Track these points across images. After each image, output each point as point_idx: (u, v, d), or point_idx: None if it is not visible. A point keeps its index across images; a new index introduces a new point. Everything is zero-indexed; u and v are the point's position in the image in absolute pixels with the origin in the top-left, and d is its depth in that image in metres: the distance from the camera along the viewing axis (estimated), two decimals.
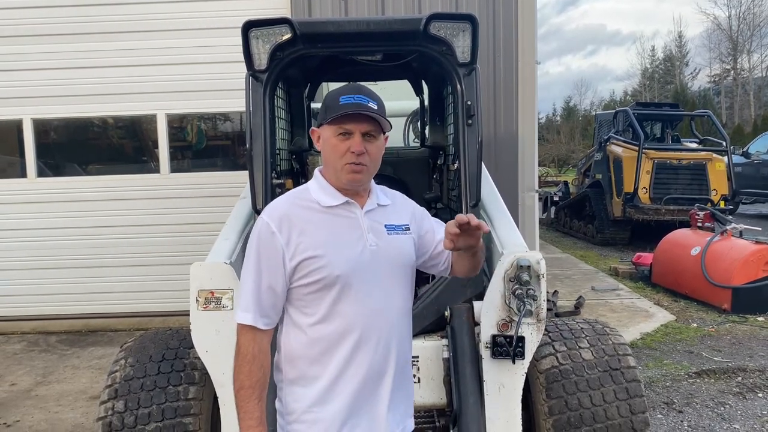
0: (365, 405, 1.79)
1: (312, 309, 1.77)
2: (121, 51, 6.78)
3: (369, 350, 1.78)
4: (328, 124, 1.78)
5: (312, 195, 1.84)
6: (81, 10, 6.78)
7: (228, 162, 7.61)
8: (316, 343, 1.77)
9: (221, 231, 3.17)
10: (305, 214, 1.79)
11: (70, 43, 6.80)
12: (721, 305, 7.09)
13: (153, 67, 6.81)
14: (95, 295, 7.01)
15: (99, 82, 6.81)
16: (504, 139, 6.81)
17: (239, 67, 3.18)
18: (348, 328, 1.76)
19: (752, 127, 36.05)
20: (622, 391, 2.87)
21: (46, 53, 6.80)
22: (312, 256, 1.73)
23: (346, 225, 1.81)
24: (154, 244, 6.93)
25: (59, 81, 6.82)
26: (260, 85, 3.01)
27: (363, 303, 1.77)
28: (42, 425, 4.47)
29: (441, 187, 4.08)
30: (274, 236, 1.74)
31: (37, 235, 6.98)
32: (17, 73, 6.85)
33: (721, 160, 11.53)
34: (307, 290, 1.76)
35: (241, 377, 1.75)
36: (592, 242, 12.87)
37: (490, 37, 6.72)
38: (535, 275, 2.68)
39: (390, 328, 1.83)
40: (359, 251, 1.78)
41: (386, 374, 1.82)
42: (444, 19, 2.92)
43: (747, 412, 4.47)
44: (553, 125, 52.41)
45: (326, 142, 1.80)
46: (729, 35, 48.65)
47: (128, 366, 2.93)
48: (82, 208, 6.96)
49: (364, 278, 1.78)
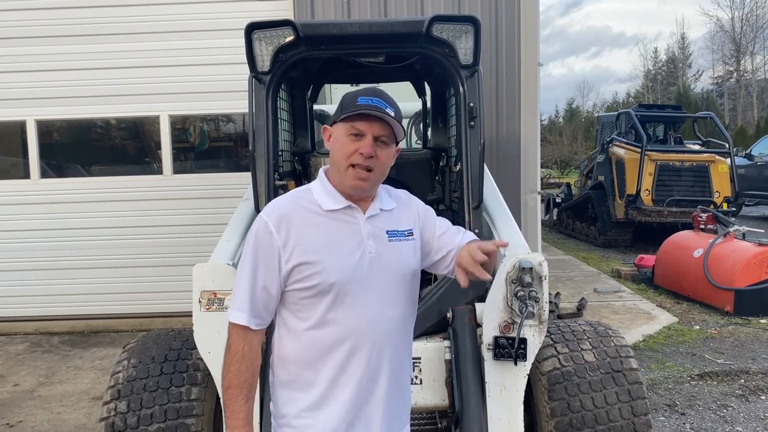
0: (359, 413, 1.76)
1: (306, 314, 1.74)
2: (124, 53, 6.80)
3: (362, 358, 1.74)
4: (341, 122, 1.74)
5: (314, 196, 1.79)
6: (84, 12, 6.80)
7: (230, 163, 7.62)
8: (309, 348, 1.74)
9: (224, 232, 3.17)
10: (305, 216, 1.75)
11: (74, 44, 6.81)
12: (724, 307, 7.07)
13: (156, 69, 6.82)
14: (98, 296, 7.02)
15: (102, 83, 6.82)
16: (506, 140, 6.81)
17: (242, 69, 3.19)
18: (342, 336, 1.73)
19: (755, 129, 36.01)
20: (625, 393, 2.87)
21: (49, 55, 6.82)
22: (307, 262, 1.70)
23: (346, 230, 1.76)
24: (156, 245, 6.94)
25: (63, 82, 6.84)
26: (263, 87, 3.02)
27: (358, 311, 1.73)
28: (45, 426, 4.48)
29: (443, 188, 4.08)
30: (272, 236, 1.71)
31: (40, 236, 7.00)
32: (21, 74, 6.86)
33: (724, 162, 11.51)
34: (301, 295, 1.73)
35: (229, 376, 1.73)
36: (594, 244, 12.86)
37: (493, 39, 6.73)
38: (538, 277, 2.68)
39: (386, 337, 1.79)
40: (357, 258, 1.74)
41: (380, 382, 1.78)
42: (446, 21, 2.93)
43: (750, 415, 4.46)
44: (555, 127, 52.34)
45: (336, 140, 1.76)
46: (732, 37, 48.61)
47: (131, 367, 2.93)
48: (84, 209, 6.97)
49: (361, 286, 1.74)
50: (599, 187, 13.00)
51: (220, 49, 6.59)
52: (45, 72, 6.84)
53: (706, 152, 11.98)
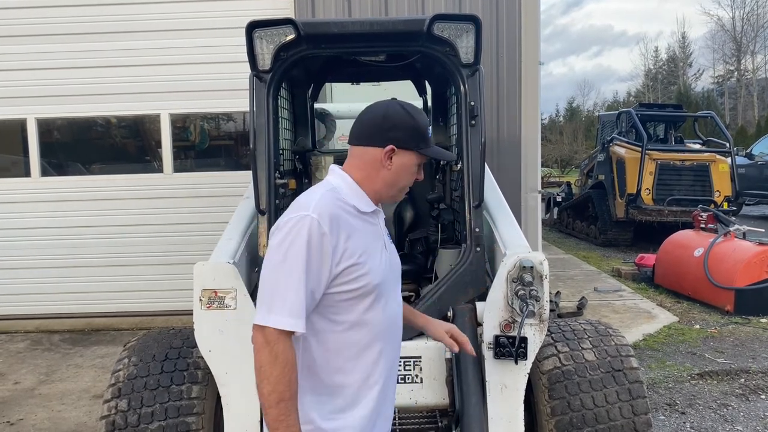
0: (380, 411, 1.81)
1: (343, 316, 1.71)
2: (125, 51, 6.80)
3: (387, 357, 1.80)
4: (417, 153, 1.80)
5: (345, 197, 1.75)
6: (85, 9, 6.79)
7: (231, 162, 7.62)
8: (341, 351, 1.72)
9: (224, 231, 3.17)
10: (346, 217, 1.70)
11: (74, 42, 6.81)
12: (724, 307, 7.08)
13: (157, 67, 6.82)
14: (98, 294, 7.03)
15: (103, 81, 6.83)
16: (507, 139, 6.81)
17: (243, 68, 3.19)
18: (374, 336, 1.76)
19: (756, 128, 35.99)
20: (625, 392, 2.87)
21: (50, 53, 6.82)
22: (358, 263, 1.67)
23: (373, 233, 1.80)
24: (157, 244, 6.94)
25: (63, 81, 6.84)
26: (264, 86, 3.01)
27: (385, 311, 1.79)
28: (45, 424, 4.49)
29: (444, 187, 4.08)
30: (325, 237, 1.62)
31: (40, 234, 7.00)
32: (21, 72, 6.86)
33: (725, 162, 11.50)
34: (344, 297, 1.69)
35: (280, 388, 1.57)
36: (594, 243, 12.85)
37: (493, 38, 6.73)
38: (538, 276, 2.69)
39: (399, 335, 1.90)
40: (384, 260, 1.80)
41: (393, 379, 1.88)
42: (447, 19, 2.92)
43: (750, 414, 4.46)
44: (556, 126, 52.35)
45: (404, 167, 1.79)
46: (733, 36, 48.60)
47: (132, 365, 2.93)
48: (85, 208, 6.97)
49: (388, 287, 1.82)
50: (600, 186, 13.00)
51: (221, 47, 6.59)
52: (46, 70, 6.83)
53: (706, 151, 11.97)
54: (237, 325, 2.67)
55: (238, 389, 2.67)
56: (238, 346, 2.66)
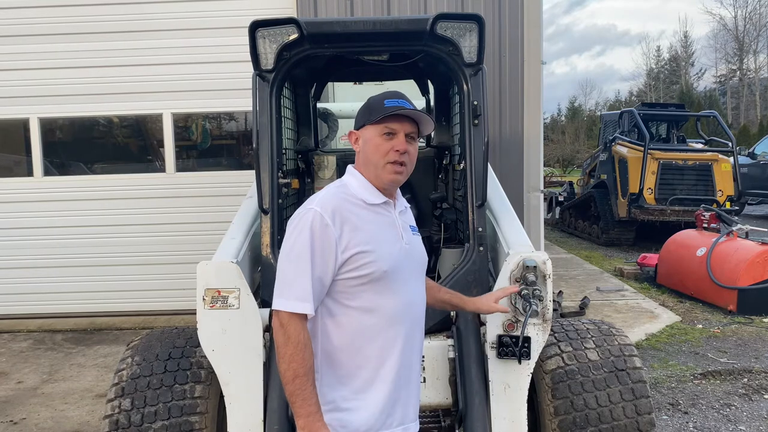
0: (399, 394, 1.87)
1: (354, 301, 1.83)
2: (127, 50, 6.81)
3: (404, 341, 1.87)
4: (372, 125, 1.88)
5: (354, 191, 1.90)
6: (88, 9, 6.81)
7: (233, 161, 7.63)
8: (358, 334, 1.83)
9: (227, 230, 3.17)
10: (352, 209, 1.85)
11: (77, 42, 6.83)
12: (727, 306, 7.07)
13: (159, 67, 6.83)
14: (101, 293, 7.04)
15: (105, 81, 6.84)
16: (509, 139, 6.81)
17: (245, 67, 3.19)
18: (388, 320, 1.85)
19: (758, 127, 35.94)
20: (628, 391, 2.87)
21: (52, 53, 6.83)
22: (364, 251, 1.80)
23: (386, 223, 1.91)
24: (159, 243, 6.96)
25: (66, 80, 6.86)
26: (267, 85, 3.01)
27: (401, 297, 1.87)
28: (48, 423, 4.49)
29: (446, 187, 4.08)
30: (328, 228, 1.78)
31: (43, 234, 7.02)
32: (24, 72, 6.88)
33: (727, 161, 11.49)
34: (353, 282, 1.81)
35: (294, 365, 1.74)
36: (597, 243, 12.84)
37: (496, 38, 6.73)
38: (542, 275, 2.68)
39: (418, 321, 1.97)
40: (398, 249, 1.89)
41: (413, 366, 1.94)
42: (450, 19, 2.92)
43: (753, 414, 4.46)
44: (558, 125, 52.33)
45: (369, 141, 1.89)
46: (735, 35, 48.55)
47: (135, 364, 2.93)
48: (88, 207, 6.99)
49: (403, 274, 1.89)
50: (602, 186, 12.99)
51: (224, 47, 6.60)
52: (48, 70, 6.85)
53: (709, 151, 11.96)
54: (240, 324, 2.67)
55: (241, 388, 2.67)
56: (241, 345, 2.66)
